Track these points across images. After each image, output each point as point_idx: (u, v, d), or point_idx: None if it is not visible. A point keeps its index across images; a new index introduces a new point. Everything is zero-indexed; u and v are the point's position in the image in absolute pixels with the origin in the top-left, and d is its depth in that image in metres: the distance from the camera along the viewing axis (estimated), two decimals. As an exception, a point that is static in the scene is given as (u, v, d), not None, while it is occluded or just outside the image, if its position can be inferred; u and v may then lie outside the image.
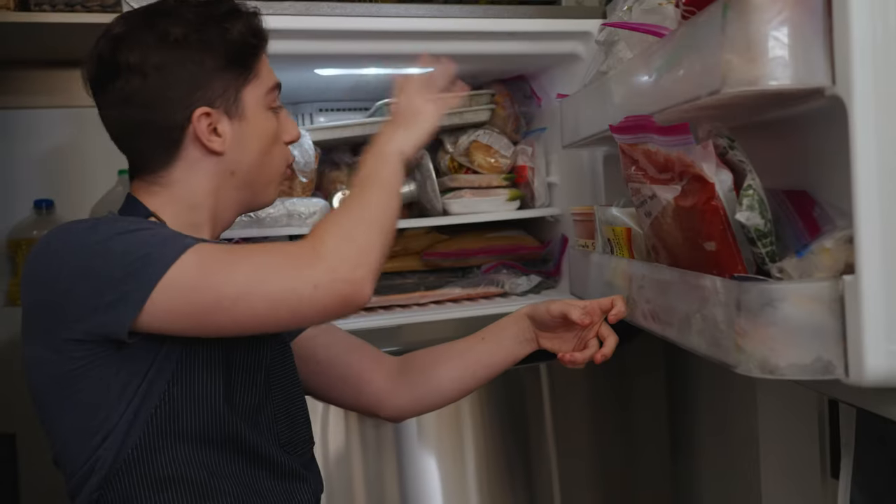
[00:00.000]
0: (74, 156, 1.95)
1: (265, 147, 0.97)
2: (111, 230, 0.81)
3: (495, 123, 1.74)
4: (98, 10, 1.57)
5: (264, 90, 0.97)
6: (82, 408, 0.82)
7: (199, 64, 0.92)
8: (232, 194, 0.97)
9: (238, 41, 0.94)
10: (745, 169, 0.78)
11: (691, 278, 0.82)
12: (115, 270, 0.78)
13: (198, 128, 0.91)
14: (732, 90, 0.69)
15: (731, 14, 0.68)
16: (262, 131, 0.96)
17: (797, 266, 0.73)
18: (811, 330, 0.69)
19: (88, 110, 1.92)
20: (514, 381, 1.61)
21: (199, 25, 0.93)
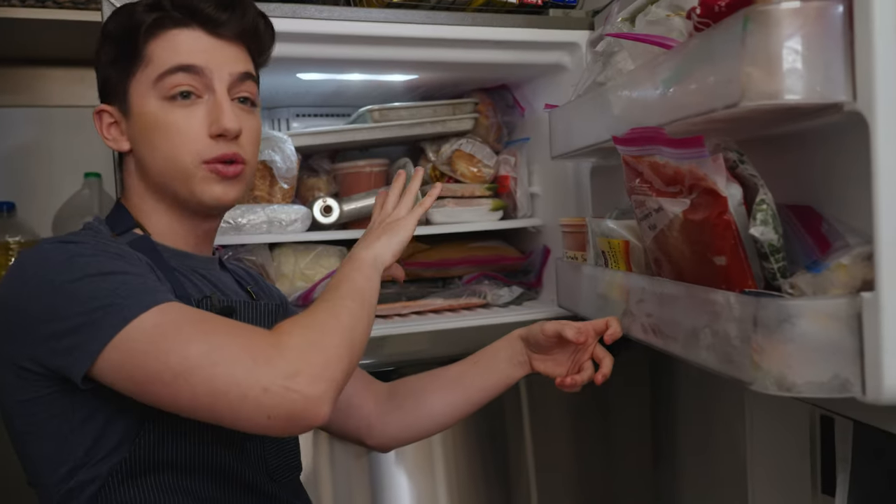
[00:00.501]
0: (39, 157, 1.89)
1: (159, 142, 0.87)
2: (85, 268, 0.75)
3: (478, 132, 1.73)
4: (69, 7, 1.51)
5: (153, 77, 0.86)
6: (48, 436, 0.78)
7: (99, 59, 0.91)
8: (160, 192, 0.91)
9: (123, 25, 0.89)
10: (757, 183, 0.78)
11: (700, 293, 0.81)
12: (77, 316, 0.73)
13: (96, 125, 0.90)
14: (752, 103, 0.68)
15: (752, 26, 0.67)
16: (151, 125, 0.87)
17: (811, 282, 0.72)
18: (828, 347, 0.68)
19: (55, 110, 1.91)
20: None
21: (112, 17, 0.91)
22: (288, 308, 1.09)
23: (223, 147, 0.88)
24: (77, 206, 1.80)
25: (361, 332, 0.81)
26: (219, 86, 0.88)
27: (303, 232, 1.50)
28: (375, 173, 1.69)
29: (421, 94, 1.79)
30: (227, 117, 0.87)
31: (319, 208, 1.54)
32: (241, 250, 1.45)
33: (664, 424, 1.63)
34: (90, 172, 1.83)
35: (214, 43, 0.89)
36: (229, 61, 0.90)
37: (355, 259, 0.90)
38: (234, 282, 1.00)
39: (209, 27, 0.88)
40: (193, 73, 0.87)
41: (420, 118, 1.64)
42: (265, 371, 0.70)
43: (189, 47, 0.87)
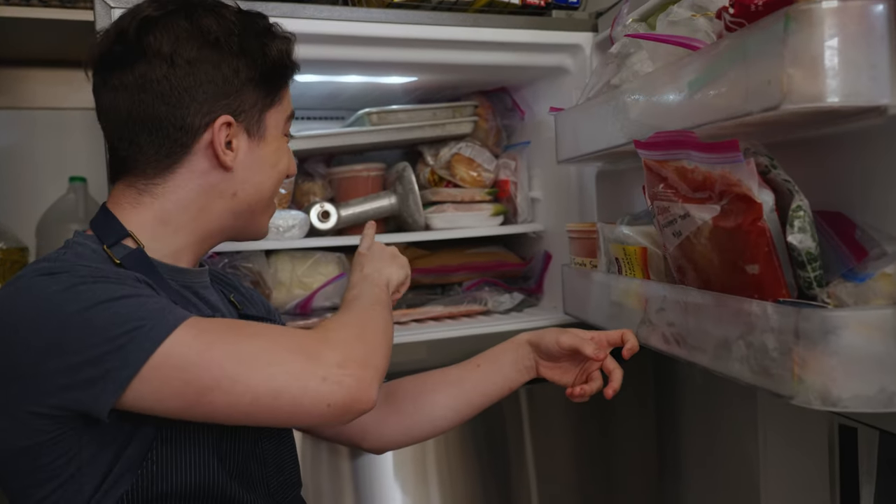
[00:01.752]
0: (22, 160, 1.84)
1: (274, 173, 0.91)
2: (92, 295, 0.70)
3: (477, 136, 1.70)
4: (57, 6, 1.46)
5: (284, 116, 0.93)
6: (51, 480, 0.73)
7: (234, 70, 0.85)
8: (225, 218, 0.88)
9: (276, 60, 0.90)
10: (791, 189, 0.76)
11: (733, 302, 0.78)
12: (95, 346, 0.68)
13: (216, 136, 0.84)
14: (793, 106, 0.66)
15: (794, 26, 0.65)
16: (276, 157, 0.91)
17: (853, 292, 0.70)
18: (874, 360, 0.66)
19: (39, 112, 1.85)
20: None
21: (240, 31, 0.86)
22: (274, 319, 1.06)
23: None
24: (62, 211, 1.75)
25: (391, 334, 0.86)
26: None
27: (300, 238, 1.46)
28: (372, 177, 1.66)
29: (418, 96, 1.76)
30: (294, 162, 0.98)
31: (317, 214, 1.50)
32: (237, 257, 1.41)
33: (670, 434, 1.60)
34: (75, 177, 1.78)
35: None
36: None
37: (369, 279, 0.94)
38: (220, 293, 0.97)
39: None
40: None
41: (419, 121, 1.61)
42: (319, 363, 0.73)
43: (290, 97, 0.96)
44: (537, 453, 1.66)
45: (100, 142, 1.21)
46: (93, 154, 1.81)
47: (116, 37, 0.83)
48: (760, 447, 1.26)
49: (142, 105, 0.81)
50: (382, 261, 0.99)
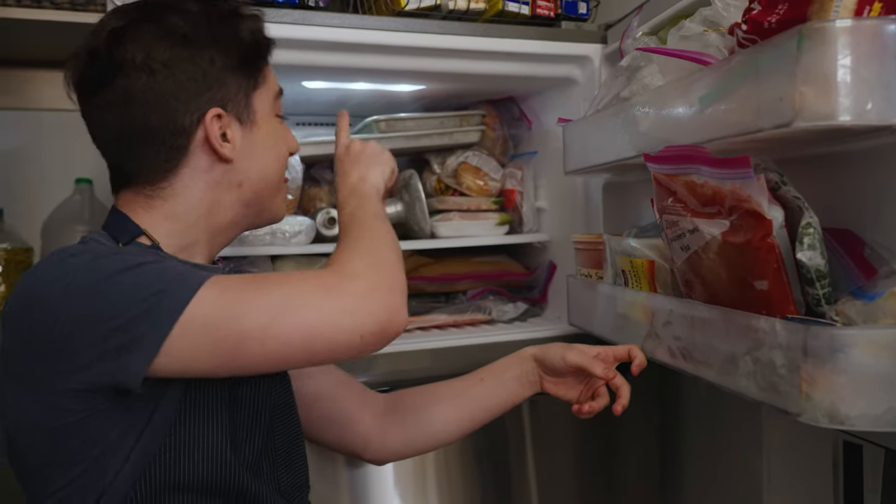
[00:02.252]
0: (28, 161, 1.83)
1: (275, 156, 0.92)
2: (115, 265, 0.72)
3: (484, 145, 1.70)
4: (67, 8, 1.47)
5: (272, 95, 0.93)
6: (75, 466, 0.73)
7: (210, 62, 0.85)
8: (237, 209, 0.89)
9: (249, 40, 0.89)
10: (801, 206, 0.76)
11: (741, 318, 0.78)
12: (123, 311, 0.69)
13: (210, 131, 0.84)
14: (805, 124, 0.66)
15: (807, 44, 0.65)
16: (273, 139, 0.92)
17: (862, 310, 0.70)
18: (882, 379, 0.66)
19: (45, 113, 1.86)
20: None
21: (207, 21, 0.86)
22: None
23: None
24: (67, 212, 1.75)
25: (397, 245, 0.86)
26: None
27: (306, 244, 1.46)
28: (379, 185, 1.66)
29: (425, 104, 1.76)
30: (295, 138, 0.98)
31: (323, 220, 1.50)
32: (242, 262, 1.41)
33: (673, 447, 1.60)
34: (81, 178, 1.77)
35: None
36: None
37: (358, 192, 0.94)
38: None
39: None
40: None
41: (427, 129, 1.61)
42: (345, 298, 0.74)
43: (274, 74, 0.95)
44: (539, 464, 1.66)
45: (108, 144, 1.22)
46: (99, 156, 1.78)
47: (89, 56, 0.84)
48: (764, 463, 1.26)
49: (132, 118, 0.82)
50: (364, 164, 0.99)
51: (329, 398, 1.07)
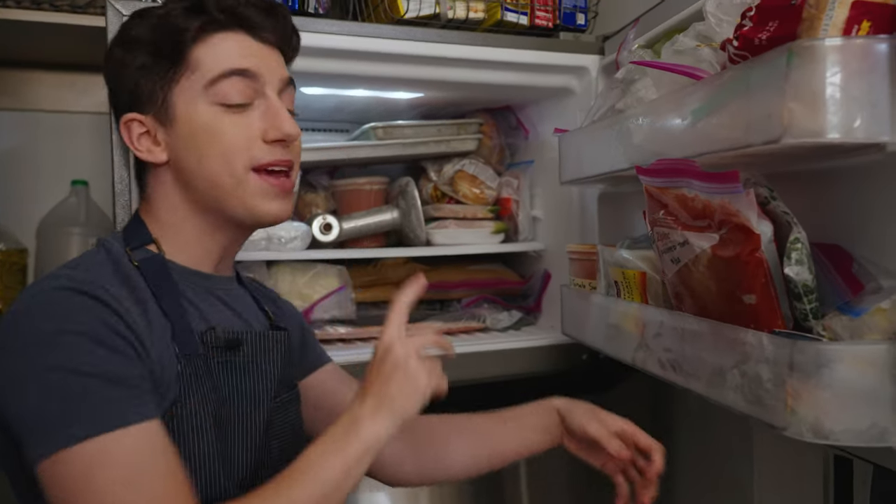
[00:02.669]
0: (24, 163, 1.83)
1: (213, 151, 0.82)
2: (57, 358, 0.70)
3: (481, 154, 1.72)
4: (67, 11, 1.47)
5: (203, 83, 0.82)
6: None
7: (122, 65, 0.84)
8: (201, 208, 0.85)
9: (159, 29, 0.83)
10: (790, 221, 0.77)
11: (728, 331, 0.79)
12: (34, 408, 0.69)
13: (125, 137, 0.85)
14: (794, 140, 0.67)
15: (796, 61, 0.66)
16: (201, 132, 0.82)
17: (848, 326, 0.71)
18: (867, 394, 0.67)
19: (42, 115, 1.86)
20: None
21: (139, 21, 0.85)
22: (305, 333, 1.06)
23: (279, 152, 0.84)
24: (63, 214, 1.75)
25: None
26: (270, 91, 0.85)
27: (302, 250, 1.47)
28: (375, 191, 1.67)
29: (423, 112, 1.78)
30: (287, 122, 0.83)
31: (319, 226, 1.51)
32: (237, 267, 1.41)
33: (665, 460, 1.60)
34: (77, 180, 1.78)
35: (261, 48, 0.86)
36: (277, 67, 0.87)
37: (356, 433, 0.76)
38: (253, 302, 0.96)
39: (254, 32, 0.85)
40: (247, 78, 0.83)
41: (424, 137, 1.62)
42: None
43: (241, 52, 0.84)
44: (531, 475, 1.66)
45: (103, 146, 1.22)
46: (95, 158, 1.81)
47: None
48: (755, 476, 1.27)
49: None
50: (392, 390, 0.77)
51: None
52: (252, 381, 0.85)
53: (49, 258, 1.69)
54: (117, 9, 1.19)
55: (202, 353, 0.80)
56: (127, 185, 1.20)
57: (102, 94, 0.92)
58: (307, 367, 1.05)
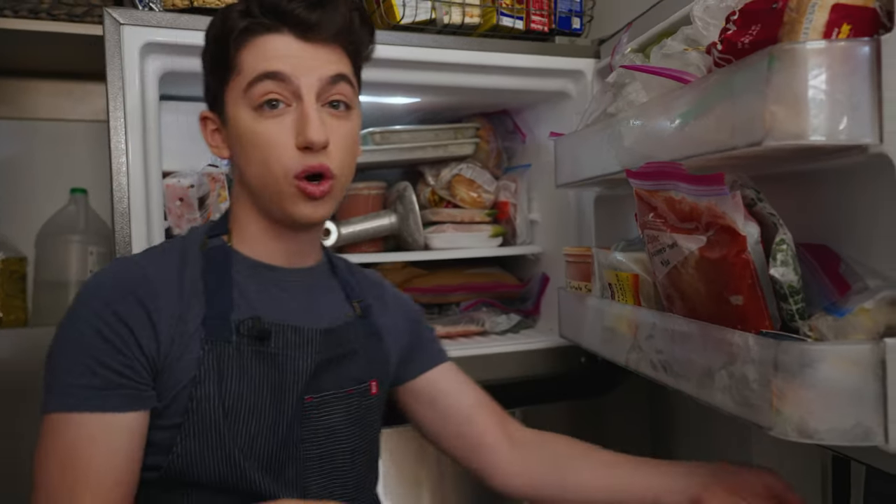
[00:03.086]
0: (23, 171, 1.86)
1: (253, 155, 0.86)
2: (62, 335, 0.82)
3: (478, 157, 1.73)
4: (65, 20, 1.49)
5: (242, 87, 0.86)
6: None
7: (203, 65, 0.93)
8: (252, 202, 0.92)
9: (217, 32, 0.89)
10: (776, 222, 0.78)
11: (716, 332, 0.80)
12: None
13: (201, 131, 0.93)
14: (776, 143, 0.68)
15: (777, 65, 0.68)
16: (243, 135, 0.87)
17: (833, 326, 0.72)
18: (851, 394, 0.68)
19: (41, 123, 1.88)
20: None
21: (211, 22, 0.92)
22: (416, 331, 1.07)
23: (310, 159, 0.86)
24: (62, 222, 1.77)
25: None
26: (306, 93, 0.85)
27: (298, 255, 1.48)
28: (373, 196, 1.69)
29: (420, 117, 1.79)
30: (312, 128, 0.84)
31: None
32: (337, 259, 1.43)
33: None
34: (76, 188, 1.80)
35: (304, 47, 0.86)
36: (319, 65, 0.87)
37: None
38: (340, 293, 0.99)
39: (299, 31, 0.86)
40: (279, 81, 0.85)
41: (421, 142, 1.64)
42: None
43: (276, 53, 0.85)
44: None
45: (101, 154, 1.24)
46: (94, 166, 1.83)
47: None
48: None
49: None
50: None
51: (463, 417, 1.06)
52: (279, 373, 0.87)
53: (48, 266, 1.71)
54: (114, 18, 1.21)
55: (234, 340, 0.85)
56: (125, 192, 1.22)
57: (100, 102, 0.95)
58: (418, 365, 1.07)
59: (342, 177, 0.90)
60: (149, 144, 1.26)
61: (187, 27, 1.26)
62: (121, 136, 1.22)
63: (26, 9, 1.48)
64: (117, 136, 1.22)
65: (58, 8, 1.49)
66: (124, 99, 1.22)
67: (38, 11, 1.49)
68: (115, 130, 1.21)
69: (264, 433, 0.85)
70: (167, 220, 1.35)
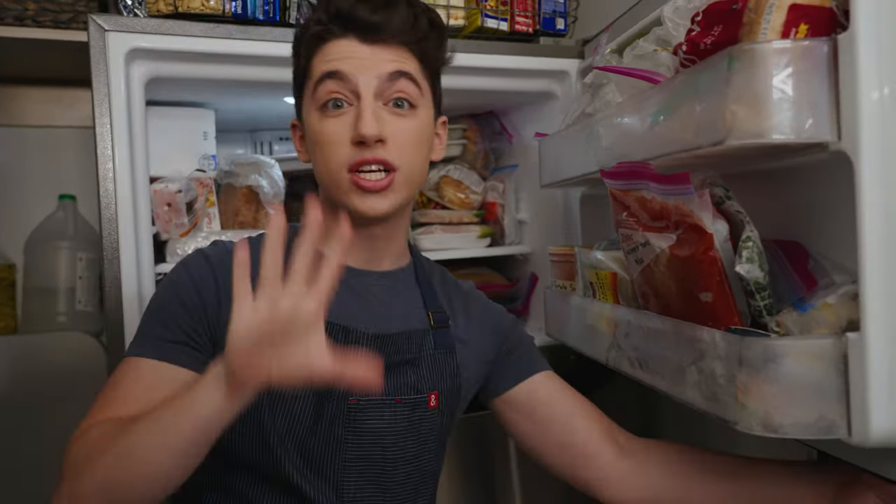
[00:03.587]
0: (11, 177, 1.88)
1: (320, 151, 0.92)
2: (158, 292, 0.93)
3: (465, 159, 1.75)
4: (50, 26, 1.52)
5: (311, 90, 0.92)
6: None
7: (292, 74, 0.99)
8: (331, 206, 0.94)
9: (294, 47, 0.96)
10: (743, 220, 0.79)
11: (687, 329, 0.82)
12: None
13: (293, 139, 0.99)
14: (737, 142, 0.70)
15: (737, 65, 0.69)
16: (312, 136, 0.93)
17: (797, 321, 0.74)
18: (814, 388, 0.69)
19: (29, 130, 1.90)
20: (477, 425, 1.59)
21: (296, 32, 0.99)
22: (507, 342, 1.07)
23: (364, 152, 0.89)
24: (50, 229, 1.80)
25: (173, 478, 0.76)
26: (364, 91, 0.89)
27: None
28: (361, 198, 1.70)
29: (408, 118, 1.81)
30: (364, 122, 0.88)
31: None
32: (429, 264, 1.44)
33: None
34: (65, 195, 1.83)
35: (367, 49, 0.91)
36: (378, 63, 0.90)
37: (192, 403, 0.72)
38: (419, 301, 1.01)
39: (363, 33, 0.90)
40: (338, 80, 0.89)
41: (407, 143, 1.65)
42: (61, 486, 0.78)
43: (339, 55, 0.90)
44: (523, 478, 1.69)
45: (90, 160, 1.26)
46: (83, 172, 1.85)
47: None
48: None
49: None
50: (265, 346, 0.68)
51: (563, 425, 1.04)
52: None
53: (38, 273, 1.73)
54: (99, 24, 1.23)
55: None
56: (112, 198, 1.24)
57: (88, 108, 0.96)
58: (512, 376, 1.06)
59: (406, 171, 0.92)
60: (135, 150, 1.28)
61: (172, 33, 1.28)
62: (107, 143, 1.24)
63: (11, 16, 1.50)
64: (103, 143, 1.24)
65: (43, 15, 1.51)
66: (110, 105, 1.24)
67: (23, 18, 1.51)
68: (101, 137, 1.23)
69: (305, 424, 0.89)
70: (155, 225, 1.37)
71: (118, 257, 1.25)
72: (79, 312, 1.76)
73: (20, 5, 1.50)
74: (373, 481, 0.93)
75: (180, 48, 1.29)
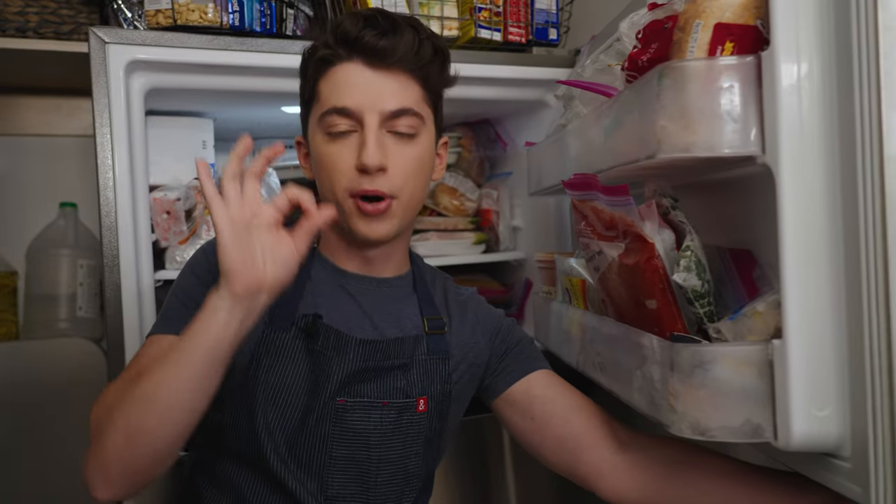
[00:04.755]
0: (13, 186, 1.94)
1: (322, 174, 0.99)
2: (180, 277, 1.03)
3: (460, 166, 1.80)
4: (51, 38, 1.58)
5: (318, 115, 0.98)
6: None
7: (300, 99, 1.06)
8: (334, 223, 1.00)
9: (302, 68, 1.03)
10: (686, 230, 0.83)
11: (634, 335, 0.86)
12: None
13: (298, 155, 1.06)
14: (667, 156, 0.74)
15: (666, 82, 0.74)
16: (317, 158, 0.99)
17: (731, 328, 0.77)
18: (741, 393, 0.73)
19: (29, 139, 1.96)
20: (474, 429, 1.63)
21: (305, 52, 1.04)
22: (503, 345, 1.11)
23: (365, 182, 0.96)
24: (51, 237, 1.86)
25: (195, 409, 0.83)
26: (370, 120, 0.95)
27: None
28: (357, 205, 1.76)
29: (404, 126, 1.86)
30: (367, 153, 0.94)
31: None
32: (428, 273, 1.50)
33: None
34: (66, 202, 1.88)
35: (373, 77, 0.96)
36: (384, 97, 0.96)
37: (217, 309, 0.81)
38: (415, 307, 1.07)
39: (369, 58, 0.96)
40: (345, 115, 0.96)
41: (402, 151, 1.71)
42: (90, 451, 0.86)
43: (346, 83, 0.96)
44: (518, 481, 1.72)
45: (90, 168, 1.30)
46: (83, 180, 1.91)
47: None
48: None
49: None
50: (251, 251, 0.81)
51: (560, 420, 1.06)
52: (318, 371, 0.98)
53: (39, 280, 1.80)
54: (99, 37, 1.29)
55: (291, 331, 0.98)
56: (112, 206, 1.30)
57: (88, 117, 1.01)
58: (508, 376, 1.10)
59: (403, 197, 0.98)
60: (135, 159, 1.33)
61: (171, 45, 1.33)
62: (107, 152, 1.29)
63: (13, 28, 1.57)
64: (104, 152, 1.29)
65: (45, 27, 1.58)
66: (110, 115, 1.29)
67: (25, 30, 1.58)
68: (101, 146, 1.29)
69: (293, 420, 0.96)
70: (154, 233, 1.42)
71: (118, 264, 1.30)
72: (80, 319, 1.81)
73: (22, 17, 1.57)
74: (357, 480, 0.99)
75: (179, 59, 1.34)
